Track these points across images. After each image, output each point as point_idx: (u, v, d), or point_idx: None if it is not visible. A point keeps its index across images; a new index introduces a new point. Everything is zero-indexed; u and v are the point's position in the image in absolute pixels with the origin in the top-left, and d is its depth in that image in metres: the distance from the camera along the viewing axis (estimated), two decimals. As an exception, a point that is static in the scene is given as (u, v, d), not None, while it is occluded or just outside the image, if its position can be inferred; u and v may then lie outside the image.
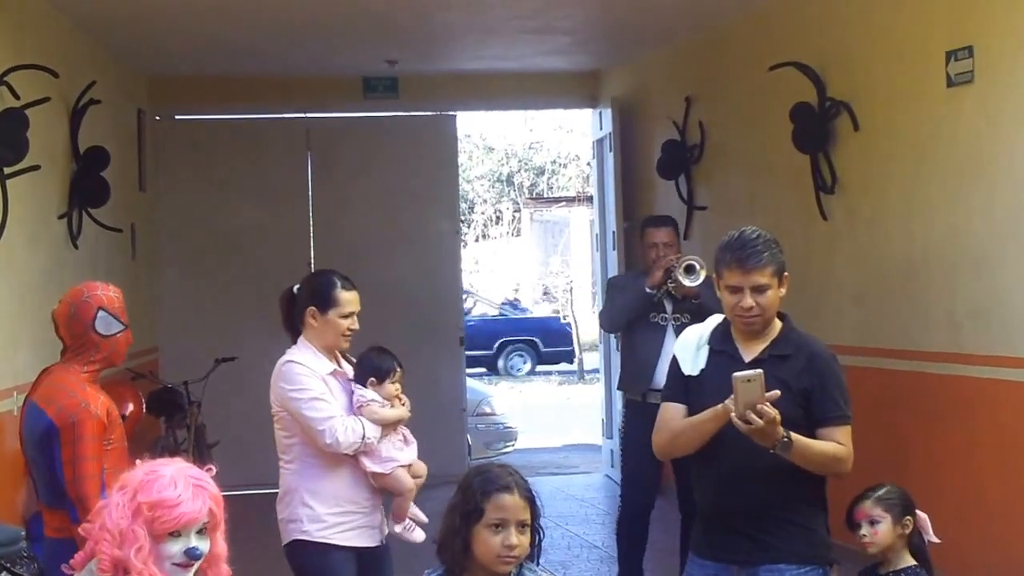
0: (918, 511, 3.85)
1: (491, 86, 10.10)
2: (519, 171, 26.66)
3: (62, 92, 6.67)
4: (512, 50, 8.93)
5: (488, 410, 10.73)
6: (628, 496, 6.01)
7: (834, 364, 3.46)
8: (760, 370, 3.24)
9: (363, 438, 3.98)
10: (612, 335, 8.67)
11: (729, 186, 8.14)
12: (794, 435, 3.25)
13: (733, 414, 3.22)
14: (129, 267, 8.42)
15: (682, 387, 3.47)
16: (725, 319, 3.51)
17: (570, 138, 25.49)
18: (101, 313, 3.91)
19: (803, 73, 6.83)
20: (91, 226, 7.13)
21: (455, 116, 10.38)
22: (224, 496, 2.61)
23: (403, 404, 4.18)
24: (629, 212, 9.58)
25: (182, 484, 2.49)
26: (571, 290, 22.98)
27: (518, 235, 26.53)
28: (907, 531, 3.82)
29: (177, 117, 9.85)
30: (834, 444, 3.35)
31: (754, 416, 3.17)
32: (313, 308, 4.15)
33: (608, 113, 9.67)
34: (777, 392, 3.22)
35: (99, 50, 7.88)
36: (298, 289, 4.29)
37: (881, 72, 6.38)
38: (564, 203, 24.90)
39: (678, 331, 5.61)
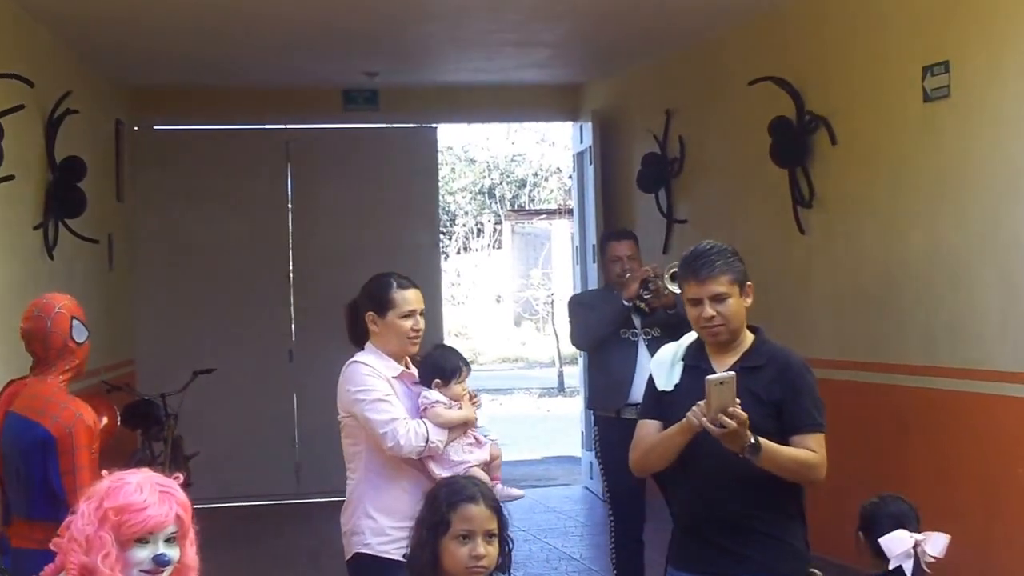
0: (924, 533, 3.81)
1: (472, 98, 10.10)
2: (501, 183, 26.66)
3: (38, 101, 6.63)
4: (493, 63, 8.94)
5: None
6: (618, 515, 5.90)
7: (807, 374, 3.46)
8: (732, 372, 3.25)
9: (427, 441, 3.77)
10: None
11: (708, 200, 8.15)
12: (762, 440, 3.25)
13: (705, 419, 3.22)
14: (106, 278, 8.37)
15: (656, 403, 3.48)
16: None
17: (552, 151, 25.51)
18: (76, 322, 3.98)
19: (782, 88, 6.86)
20: (67, 237, 7.08)
21: (436, 128, 10.38)
22: (202, 508, 2.59)
23: (475, 404, 3.94)
24: (609, 225, 9.57)
25: (148, 490, 2.48)
26: (552, 303, 22.98)
27: (499, 247, 26.51)
28: (858, 543, 3.82)
29: (156, 128, 9.81)
30: (805, 451, 3.35)
31: (726, 419, 3.17)
32: (372, 313, 3.94)
33: (589, 126, 9.68)
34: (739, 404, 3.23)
35: (77, 59, 7.84)
36: (358, 296, 4.10)
37: (859, 87, 6.41)
38: (546, 216, 24.89)
39: (649, 345, 5.60)
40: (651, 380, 3.55)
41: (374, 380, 3.83)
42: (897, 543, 3.75)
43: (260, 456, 9.48)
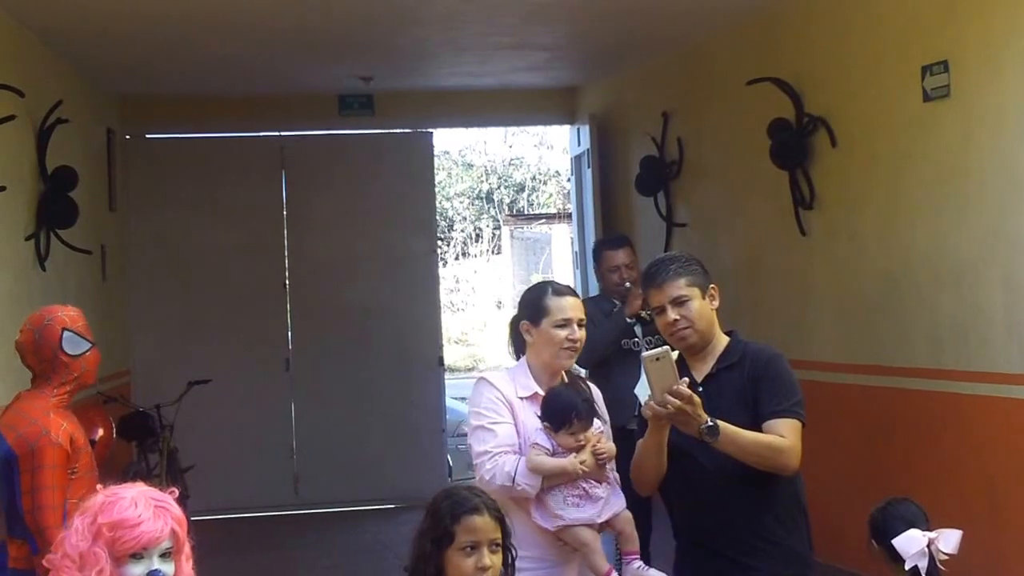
0: (937, 531, 3.74)
1: (467, 102, 10.04)
2: (499, 188, 26.61)
3: (29, 111, 6.57)
4: (488, 66, 8.88)
5: (468, 430, 10.60)
6: None
7: (778, 361, 3.44)
8: (667, 347, 3.24)
9: (513, 482, 3.43)
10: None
11: (708, 202, 8.09)
12: (721, 423, 3.21)
13: (652, 402, 3.19)
14: (99, 289, 8.29)
15: (646, 422, 3.41)
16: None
17: (550, 154, 25.48)
18: (67, 334, 3.87)
19: (780, 89, 6.80)
20: (59, 248, 7.02)
21: (431, 133, 10.32)
22: (198, 520, 2.55)
23: (600, 458, 3.49)
24: (608, 229, 9.52)
25: (143, 504, 2.44)
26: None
27: (498, 253, 26.44)
28: (872, 551, 3.76)
29: (148, 136, 9.75)
30: (773, 436, 3.29)
31: (670, 398, 3.15)
32: (526, 321, 3.66)
33: (586, 129, 9.63)
34: (686, 379, 3.22)
35: (68, 68, 7.78)
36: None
37: (858, 87, 6.35)
38: (545, 220, 24.86)
39: None
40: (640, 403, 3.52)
41: (489, 403, 3.57)
42: (911, 543, 3.68)
43: (257, 467, 9.40)
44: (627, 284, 5.73)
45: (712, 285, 3.49)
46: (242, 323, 9.54)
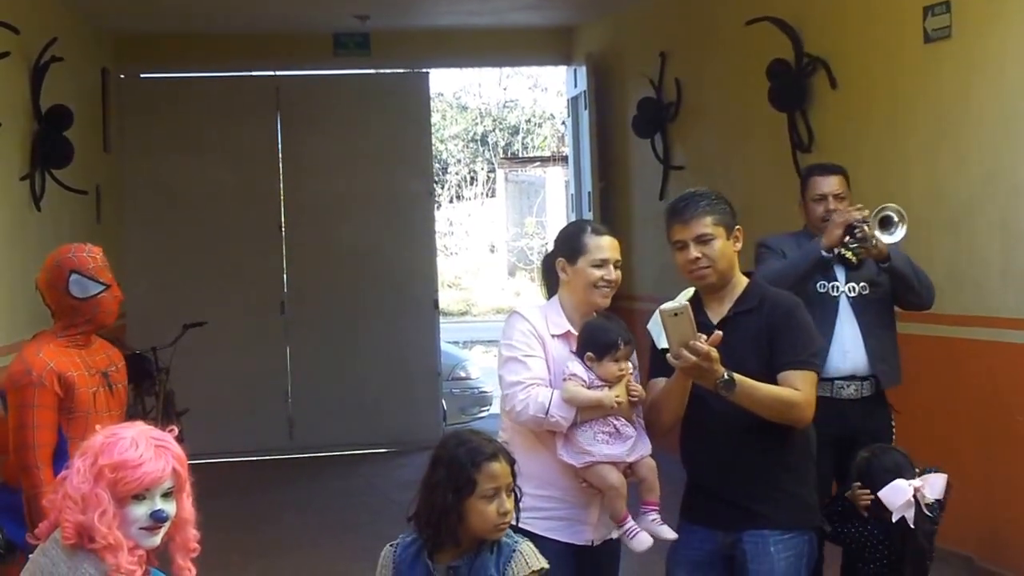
0: (921, 478, 3.76)
1: (464, 42, 9.96)
2: (493, 130, 26.45)
3: (23, 49, 6.50)
4: (485, 4, 8.79)
5: (463, 374, 10.65)
6: None
7: (796, 311, 3.41)
8: (686, 303, 3.20)
9: (546, 413, 3.38)
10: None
11: (705, 145, 8.05)
12: (738, 376, 3.19)
13: (668, 354, 3.17)
14: (94, 230, 8.24)
15: (662, 361, 3.38)
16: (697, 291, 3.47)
17: (545, 96, 25.30)
18: (74, 276, 3.81)
19: (780, 29, 6.74)
20: (54, 188, 6.98)
21: (427, 74, 10.23)
22: (194, 464, 2.56)
23: (632, 393, 3.44)
24: (604, 172, 9.49)
25: (143, 445, 2.43)
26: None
27: (492, 196, 26.35)
28: (854, 495, 3.80)
29: (143, 75, 9.67)
30: (787, 389, 3.28)
31: (686, 353, 3.12)
32: (562, 259, 3.60)
33: (583, 70, 9.56)
34: (719, 334, 3.17)
35: (62, 6, 7.70)
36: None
37: (858, 28, 6.30)
38: (539, 163, 24.75)
39: (855, 305, 4.61)
40: (652, 339, 3.50)
41: (522, 336, 3.52)
42: (897, 494, 3.69)
43: (252, 410, 9.41)
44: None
45: (738, 227, 3.45)
46: (238, 265, 9.52)
